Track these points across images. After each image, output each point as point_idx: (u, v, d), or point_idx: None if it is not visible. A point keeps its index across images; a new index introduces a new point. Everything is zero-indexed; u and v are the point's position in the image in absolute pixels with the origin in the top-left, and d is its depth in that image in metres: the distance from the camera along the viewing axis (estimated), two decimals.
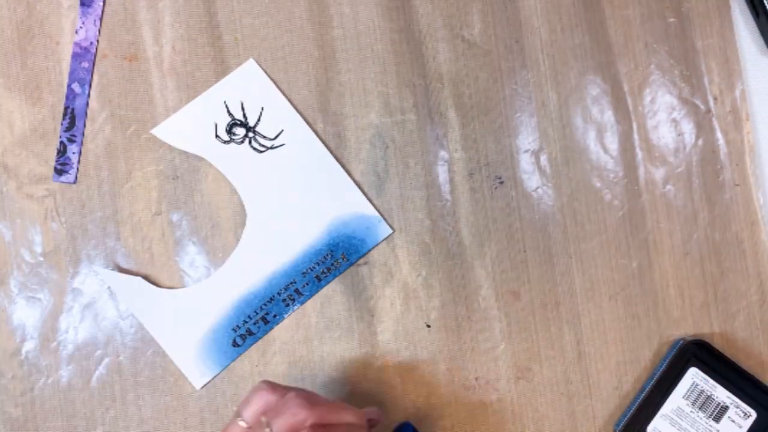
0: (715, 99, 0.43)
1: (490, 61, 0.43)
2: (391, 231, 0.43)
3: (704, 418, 0.41)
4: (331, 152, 0.43)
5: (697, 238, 0.43)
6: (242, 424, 0.35)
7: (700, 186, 0.43)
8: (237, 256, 0.43)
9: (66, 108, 0.43)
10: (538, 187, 0.43)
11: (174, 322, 0.43)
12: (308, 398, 0.34)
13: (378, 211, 0.43)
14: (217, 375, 0.43)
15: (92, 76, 0.43)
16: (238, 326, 0.43)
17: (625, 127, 0.43)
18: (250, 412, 0.35)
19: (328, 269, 0.43)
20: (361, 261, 0.43)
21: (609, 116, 0.43)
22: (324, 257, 0.43)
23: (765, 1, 0.42)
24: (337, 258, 0.43)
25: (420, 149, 0.43)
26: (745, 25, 0.44)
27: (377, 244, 0.43)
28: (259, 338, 0.43)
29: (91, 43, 0.43)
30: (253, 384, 0.42)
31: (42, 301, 0.43)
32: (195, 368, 0.42)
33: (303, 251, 0.43)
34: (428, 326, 0.43)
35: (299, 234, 0.43)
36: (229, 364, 0.43)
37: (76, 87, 0.43)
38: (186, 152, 0.43)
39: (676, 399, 0.41)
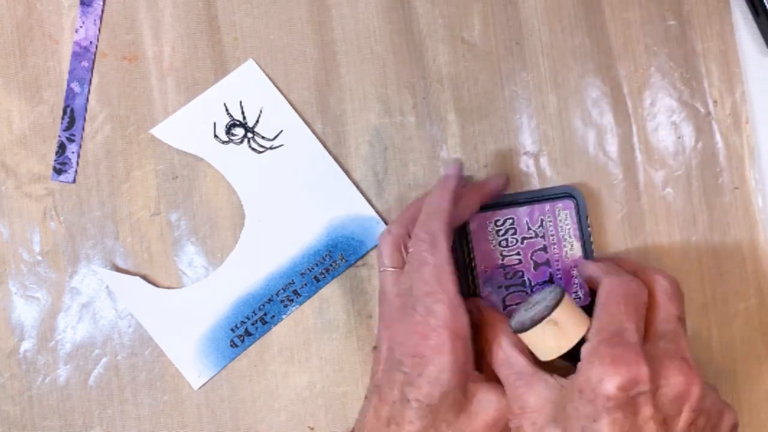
0: (714, 102, 0.43)
1: (490, 63, 0.43)
2: None
3: None
4: (330, 153, 0.43)
5: (696, 241, 0.43)
6: (389, 270, 0.37)
7: (700, 189, 0.43)
8: (235, 256, 0.43)
9: (65, 107, 0.43)
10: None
11: (172, 322, 0.43)
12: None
13: (377, 212, 0.43)
14: (215, 375, 0.43)
15: (92, 76, 0.43)
16: (236, 326, 0.43)
17: (624, 129, 0.43)
18: (386, 256, 0.38)
19: (327, 270, 0.43)
20: (360, 262, 0.43)
21: (609, 118, 0.43)
22: (323, 258, 0.43)
23: (765, 1, 0.42)
24: (335, 259, 0.43)
25: (419, 151, 0.43)
26: (744, 25, 0.44)
27: (376, 246, 0.43)
28: (258, 339, 0.43)
29: (91, 42, 0.43)
30: (251, 384, 0.42)
31: (40, 300, 0.43)
32: (193, 368, 0.42)
33: (301, 252, 0.43)
34: None
35: (298, 235, 0.43)
36: (227, 365, 0.43)
37: (75, 86, 0.43)
38: (185, 152, 0.43)
39: None
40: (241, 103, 0.43)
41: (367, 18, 0.43)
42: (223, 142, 0.43)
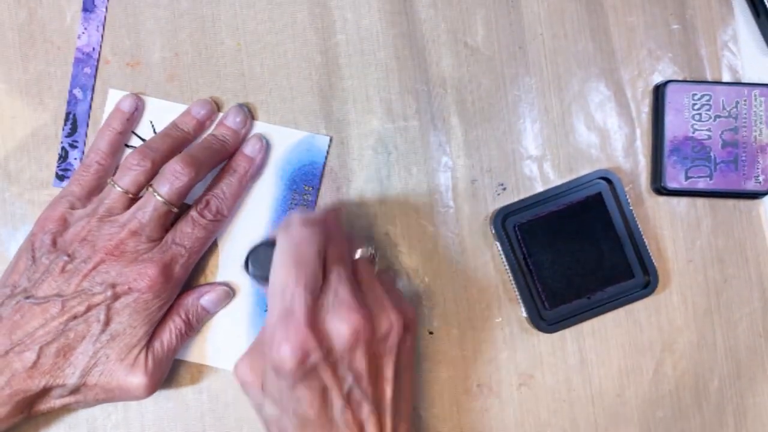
0: None
1: (493, 68, 0.43)
2: (328, 138, 0.43)
3: None
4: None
5: (701, 245, 0.43)
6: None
7: None
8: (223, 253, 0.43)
9: (68, 114, 0.43)
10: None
11: None
12: None
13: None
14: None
15: (94, 82, 0.43)
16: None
17: (628, 133, 0.43)
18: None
19: (305, 207, 0.43)
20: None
21: (612, 123, 0.43)
22: (292, 201, 0.43)
23: (765, 1, 0.42)
24: (302, 192, 0.43)
25: (422, 156, 0.43)
26: (745, 24, 0.44)
27: (327, 157, 0.43)
28: None
29: (94, 48, 0.43)
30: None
31: None
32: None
33: (272, 210, 0.43)
34: (431, 333, 0.43)
35: (260, 198, 0.43)
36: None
37: (78, 93, 0.43)
38: None
39: None
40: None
41: (369, 23, 0.43)
42: None
